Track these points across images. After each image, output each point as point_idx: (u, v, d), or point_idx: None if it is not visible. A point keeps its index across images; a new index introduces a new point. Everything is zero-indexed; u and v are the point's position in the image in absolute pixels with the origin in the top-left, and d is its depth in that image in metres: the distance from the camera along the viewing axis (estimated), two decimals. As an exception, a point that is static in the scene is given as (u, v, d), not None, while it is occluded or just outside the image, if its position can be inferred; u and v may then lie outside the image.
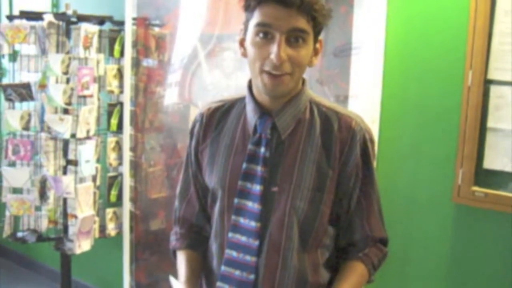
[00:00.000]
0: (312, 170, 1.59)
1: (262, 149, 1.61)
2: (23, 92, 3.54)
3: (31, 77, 3.60)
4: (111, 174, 3.78)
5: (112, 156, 3.74)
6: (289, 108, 1.61)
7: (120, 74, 3.70)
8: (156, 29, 3.57)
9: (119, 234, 3.82)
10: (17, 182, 3.59)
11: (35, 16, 3.57)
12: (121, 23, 3.65)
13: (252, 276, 1.59)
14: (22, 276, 4.68)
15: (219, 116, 1.74)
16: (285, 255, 1.59)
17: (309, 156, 1.60)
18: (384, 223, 1.73)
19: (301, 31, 1.49)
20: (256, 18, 1.52)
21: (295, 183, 1.58)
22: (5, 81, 3.83)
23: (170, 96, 3.52)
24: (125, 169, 3.69)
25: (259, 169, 1.60)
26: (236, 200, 1.62)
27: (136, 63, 3.64)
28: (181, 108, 3.45)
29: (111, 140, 3.74)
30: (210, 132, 1.74)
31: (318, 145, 1.60)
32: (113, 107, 3.71)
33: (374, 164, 1.68)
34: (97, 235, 3.72)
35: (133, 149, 3.69)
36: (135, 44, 3.62)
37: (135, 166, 3.70)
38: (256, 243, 1.59)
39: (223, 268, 1.64)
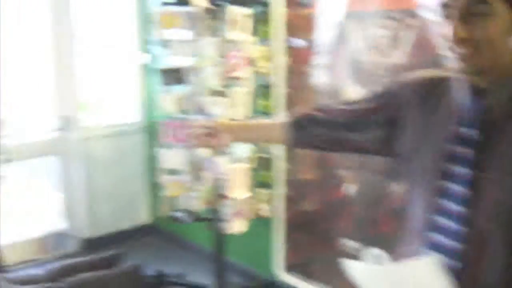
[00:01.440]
0: None
1: (471, 131, 1.49)
2: (178, 76, 3.62)
3: (185, 62, 3.68)
4: (264, 155, 3.80)
5: (264, 138, 3.75)
6: (505, 87, 1.45)
7: (271, 55, 3.69)
8: (305, 9, 3.53)
9: (272, 215, 3.84)
10: (173, 164, 3.69)
11: (187, 1, 3.63)
12: (270, 5, 3.64)
13: (455, 263, 1.51)
14: (175, 256, 4.82)
15: (427, 89, 1.63)
16: (493, 246, 1.46)
17: None
18: None
19: (480, 2, 1.35)
20: None
21: (508, 172, 1.43)
22: (160, 66, 3.94)
23: (321, 77, 3.48)
24: (278, 150, 3.70)
25: (466, 151, 1.48)
26: (441, 182, 1.52)
27: (286, 44, 3.62)
28: (333, 88, 3.40)
29: (264, 122, 3.75)
30: (415, 102, 1.64)
31: None
32: (265, 89, 3.72)
33: None
34: (250, 215, 3.76)
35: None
36: (285, 25, 3.60)
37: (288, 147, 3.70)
38: (461, 228, 1.49)
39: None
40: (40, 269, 3.68)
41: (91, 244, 4.96)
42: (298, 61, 3.61)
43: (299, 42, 3.60)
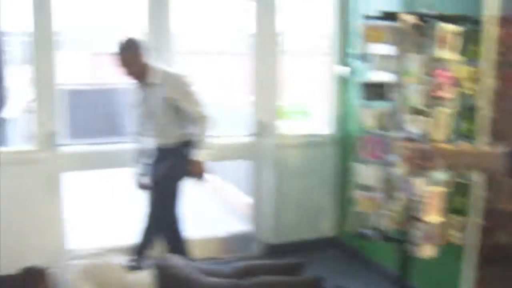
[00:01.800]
0: None
1: None
2: (380, 91, 3.59)
3: (388, 77, 3.63)
4: (462, 180, 3.63)
5: (463, 162, 3.59)
6: None
7: (478, 76, 3.53)
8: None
9: (463, 243, 3.67)
10: (367, 180, 3.66)
11: (393, 16, 3.57)
12: (481, 23, 3.48)
13: None
14: (356, 273, 4.76)
15: None
16: None
17: None
18: None
19: None
20: None
21: None
22: (362, 80, 3.90)
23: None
24: (476, 176, 3.52)
25: None
26: None
27: (496, 66, 3.44)
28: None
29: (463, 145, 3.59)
30: None
31: None
32: (469, 112, 3.55)
33: None
34: (440, 241, 3.61)
35: (486, 156, 3.50)
36: (496, 45, 3.42)
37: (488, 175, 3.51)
38: None
39: None
40: (224, 266, 3.80)
41: (273, 250, 5.04)
42: (507, 84, 3.41)
43: (509, 64, 3.40)
